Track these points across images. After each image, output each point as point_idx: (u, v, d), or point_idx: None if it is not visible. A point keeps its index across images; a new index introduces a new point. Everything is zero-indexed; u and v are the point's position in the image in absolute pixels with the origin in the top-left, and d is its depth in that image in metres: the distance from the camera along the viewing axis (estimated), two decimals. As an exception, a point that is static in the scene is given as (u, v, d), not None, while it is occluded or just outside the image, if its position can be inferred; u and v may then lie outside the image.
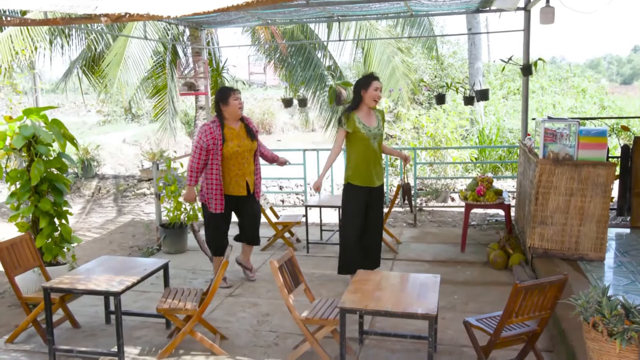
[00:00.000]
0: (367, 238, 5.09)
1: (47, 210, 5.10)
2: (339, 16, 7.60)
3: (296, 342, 4.11)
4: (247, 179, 5.27)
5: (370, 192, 5.00)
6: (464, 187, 9.59)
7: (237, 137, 5.15)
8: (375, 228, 5.12)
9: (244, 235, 5.58)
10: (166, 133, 12.52)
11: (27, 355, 4.11)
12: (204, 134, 5.05)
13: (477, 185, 6.29)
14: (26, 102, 9.37)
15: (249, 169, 5.27)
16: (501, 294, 4.97)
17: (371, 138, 4.92)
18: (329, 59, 12.13)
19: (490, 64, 24.21)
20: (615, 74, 55.39)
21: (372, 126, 4.94)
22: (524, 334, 3.49)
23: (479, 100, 7.11)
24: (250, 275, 5.64)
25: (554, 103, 20.25)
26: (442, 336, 4.19)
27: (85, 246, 7.28)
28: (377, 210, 5.10)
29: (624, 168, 6.42)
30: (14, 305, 5.12)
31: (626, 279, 4.77)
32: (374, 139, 4.94)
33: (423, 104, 18.41)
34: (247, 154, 5.23)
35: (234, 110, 5.10)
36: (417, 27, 11.56)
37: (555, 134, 5.26)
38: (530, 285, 3.19)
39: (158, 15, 2.84)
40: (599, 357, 2.87)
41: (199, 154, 5.04)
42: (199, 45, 8.54)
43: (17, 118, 5.12)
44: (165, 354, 3.98)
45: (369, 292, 3.63)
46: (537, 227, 5.33)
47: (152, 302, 4.97)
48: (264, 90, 31.56)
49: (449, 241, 6.79)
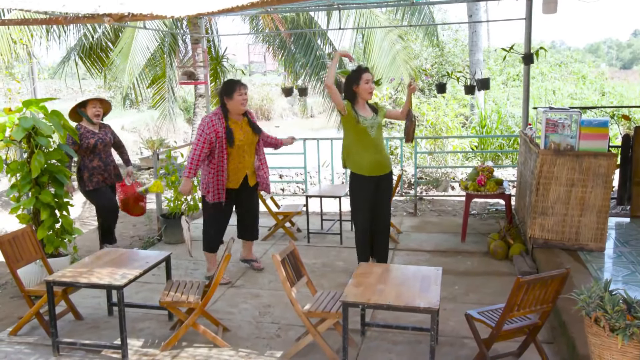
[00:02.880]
0: (376, 235, 5.07)
1: (48, 202, 5.09)
2: (339, 4, 7.53)
3: (298, 334, 4.14)
4: (247, 171, 5.27)
5: (374, 182, 4.93)
6: (464, 176, 9.60)
7: (239, 130, 5.14)
8: (383, 224, 5.08)
9: (242, 231, 5.60)
10: (165, 120, 12.49)
11: (31, 347, 4.13)
12: (207, 126, 5.01)
13: (478, 175, 6.29)
14: (24, 90, 9.34)
15: (249, 161, 5.26)
16: (502, 285, 4.99)
17: (368, 127, 4.87)
18: (329, 46, 12.06)
19: (490, 49, 24.10)
20: (615, 59, 55.21)
21: (368, 116, 4.91)
22: (525, 326, 3.51)
23: (480, 90, 7.08)
24: (257, 266, 5.67)
25: (553, 89, 20.20)
26: (443, 327, 4.21)
27: (86, 237, 7.28)
28: (384, 204, 5.04)
29: (625, 157, 6.42)
30: (16, 297, 5.14)
31: (626, 269, 4.80)
32: (371, 128, 4.89)
33: (423, 91, 18.34)
34: (248, 147, 5.21)
35: (236, 106, 5.07)
36: (418, 14, 11.46)
37: (557, 124, 5.25)
38: (532, 279, 3.20)
39: (161, 15, 2.80)
40: (601, 352, 2.89)
41: (201, 147, 5.01)
42: (198, 34, 8.48)
43: (17, 109, 5.09)
44: (168, 347, 4.01)
45: (371, 285, 3.65)
46: (537, 217, 5.34)
47: (154, 293, 5.00)
48: (263, 75, 31.42)
49: (450, 231, 6.81)
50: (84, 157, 5.82)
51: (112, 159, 6.07)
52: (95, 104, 5.84)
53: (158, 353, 3.98)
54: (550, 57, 24.56)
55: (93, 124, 5.87)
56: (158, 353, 3.98)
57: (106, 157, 5.94)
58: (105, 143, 5.90)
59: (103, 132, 5.93)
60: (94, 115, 5.82)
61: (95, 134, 5.83)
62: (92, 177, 5.82)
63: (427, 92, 18.16)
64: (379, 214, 5.01)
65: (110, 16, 2.85)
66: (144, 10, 2.78)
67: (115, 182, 6.09)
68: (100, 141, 5.84)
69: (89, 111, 5.82)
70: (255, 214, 5.59)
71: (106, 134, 5.97)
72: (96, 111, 5.83)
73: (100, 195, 5.91)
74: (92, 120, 5.83)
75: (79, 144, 5.72)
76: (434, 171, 9.74)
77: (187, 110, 20.41)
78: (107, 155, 5.96)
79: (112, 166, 6.02)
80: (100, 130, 5.93)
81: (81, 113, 5.85)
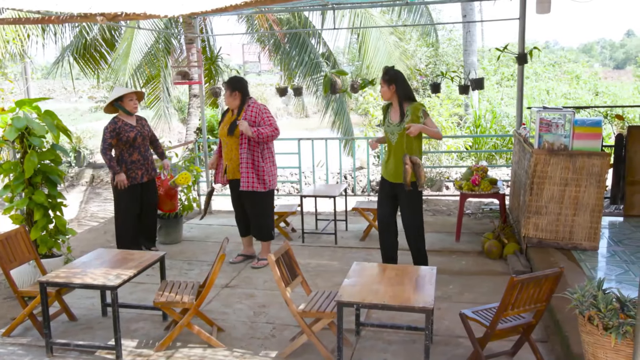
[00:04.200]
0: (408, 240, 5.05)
1: (41, 203, 5.07)
2: (333, 4, 7.53)
3: (293, 334, 4.13)
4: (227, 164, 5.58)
5: (392, 187, 4.95)
6: (458, 176, 9.62)
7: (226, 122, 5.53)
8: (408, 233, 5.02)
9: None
10: (160, 120, 12.45)
11: (24, 348, 4.11)
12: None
13: (472, 175, 6.31)
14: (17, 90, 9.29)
15: (229, 155, 5.54)
16: (496, 284, 5.01)
17: (389, 133, 4.90)
18: (323, 46, 12.05)
19: (484, 49, 24.16)
20: (608, 59, 55.53)
21: (394, 121, 4.88)
22: (519, 325, 3.52)
23: (474, 89, 7.10)
24: (254, 263, 5.77)
25: (547, 89, 20.28)
26: (438, 327, 4.22)
27: (79, 237, 7.25)
28: (404, 214, 4.99)
29: (618, 157, 6.46)
30: (9, 298, 5.11)
31: (619, 268, 4.82)
32: (391, 134, 4.88)
33: (418, 91, 18.37)
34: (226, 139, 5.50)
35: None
36: (414, 13, 11.48)
37: (550, 123, 5.27)
38: (526, 278, 3.21)
39: (155, 14, 2.80)
40: (594, 350, 2.91)
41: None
42: (192, 34, 8.46)
43: (10, 109, 5.07)
44: (163, 347, 4.00)
45: (366, 284, 3.65)
46: (531, 216, 5.35)
47: (148, 293, 4.98)
48: (258, 75, 31.39)
49: (444, 230, 6.82)
50: (123, 151, 5.70)
51: (150, 152, 5.96)
52: (132, 97, 5.74)
53: (152, 353, 3.97)
54: (544, 57, 24.67)
55: (130, 115, 5.74)
56: (152, 353, 3.97)
57: (145, 151, 5.84)
58: (144, 136, 5.81)
59: (140, 125, 5.81)
60: (133, 108, 5.73)
61: (133, 127, 5.71)
62: (130, 172, 5.72)
63: (422, 92, 18.19)
64: (404, 222, 5.02)
65: (104, 15, 2.84)
66: (138, 10, 2.77)
67: (155, 176, 6.01)
68: (139, 134, 5.74)
69: (127, 104, 5.69)
70: (253, 213, 5.70)
71: (143, 126, 5.86)
72: (134, 103, 5.74)
73: (131, 195, 5.80)
74: (131, 112, 5.72)
75: (118, 138, 5.63)
76: (429, 171, 9.76)
77: (182, 110, 20.36)
78: (145, 148, 5.86)
79: (150, 160, 5.93)
80: (138, 123, 5.81)
81: (118, 106, 5.68)
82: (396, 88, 4.82)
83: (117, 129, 5.63)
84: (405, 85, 4.87)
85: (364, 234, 6.63)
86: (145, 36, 10.75)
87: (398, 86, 4.82)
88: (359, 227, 6.95)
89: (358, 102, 16.20)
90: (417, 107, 4.77)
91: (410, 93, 4.91)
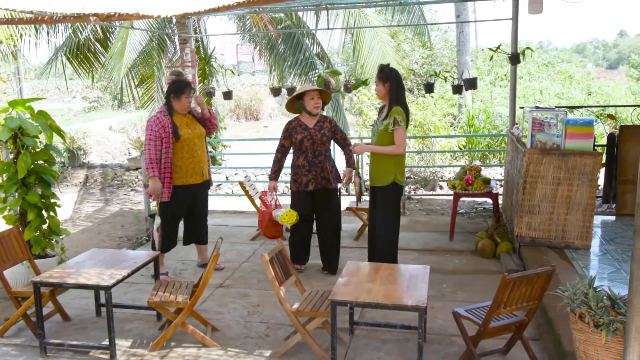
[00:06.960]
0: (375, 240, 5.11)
1: (34, 203, 5.05)
2: (327, 4, 7.54)
3: (287, 333, 4.15)
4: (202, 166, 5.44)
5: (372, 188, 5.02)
6: (452, 175, 9.65)
7: (186, 125, 5.35)
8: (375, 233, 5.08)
9: (194, 234, 5.64)
10: (154, 121, 12.37)
11: (18, 349, 4.10)
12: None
13: (466, 174, 6.34)
14: (10, 90, 9.25)
15: (202, 156, 5.42)
16: (489, 283, 5.04)
17: (372, 133, 4.94)
18: (317, 46, 12.05)
19: (478, 49, 24.24)
20: (601, 59, 55.78)
21: (377, 122, 4.94)
22: (512, 324, 3.55)
23: (468, 89, 7.13)
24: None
25: (541, 89, 20.36)
26: (432, 325, 4.24)
27: (74, 237, 7.24)
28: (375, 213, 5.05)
29: (610, 156, 6.50)
30: (3, 298, 5.09)
31: (611, 266, 4.86)
32: (373, 135, 4.93)
33: (412, 91, 18.41)
34: (198, 141, 5.37)
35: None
36: (408, 13, 11.49)
37: (543, 123, 5.30)
38: (519, 277, 3.24)
39: (148, 14, 2.80)
40: (585, 347, 2.93)
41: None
42: (186, 34, 8.45)
43: (3, 109, 5.05)
44: (157, 347, 4.00)
45: (359, 283, 3.66)
46: (524, 215, 5.39)
47: (142, 293, 4.98)
48: (252, 75, 31.37)
49: (438, 230, 6.85)
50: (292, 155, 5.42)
51: (321, 158, 5.33)
52: (312, 95, 5.27)
53: (147, 353, 3.97)
54: (537, 57, 24.76)
55: (312, 116, 5.33)
56: (147, 353, 3.97)
57: (313, 157, 5.29)
58: (314, 141, 5.28)
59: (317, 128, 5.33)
60: (314, 107, 5.28)
61: (306, 128, 5.30)
62: (296, 177, 5.36)
63: (416, 91, 18.24)
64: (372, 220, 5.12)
65: (97, 15, 2.84)
66: (131, 10, 2.77)
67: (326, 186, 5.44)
68: (309, 137, 5.27)
69: (308, 103, 5.28)
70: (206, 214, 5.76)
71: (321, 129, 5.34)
72: (315, 103, 5.26)
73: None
74: (312, 113, 5.29)
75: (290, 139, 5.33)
76: (422, 170, 9.78)
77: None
78: (314, 154, 5.30)
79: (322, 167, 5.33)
80: (316, 125, 5.34)
81: (299, 105, 5.34)
82: (390, 86, 4.82)
83: (289, 129, 5.36)
84: (399, 85, 4.85)
85: (357, 234, 6.65)
86: (139, 35, 10.71)
87: (392, 85, 4.82)
88: (353, 227, 6.96)
89: (352, 102, 16.25)
90: (393, 113, 4.72)
91: (401, 95, 4.83)
